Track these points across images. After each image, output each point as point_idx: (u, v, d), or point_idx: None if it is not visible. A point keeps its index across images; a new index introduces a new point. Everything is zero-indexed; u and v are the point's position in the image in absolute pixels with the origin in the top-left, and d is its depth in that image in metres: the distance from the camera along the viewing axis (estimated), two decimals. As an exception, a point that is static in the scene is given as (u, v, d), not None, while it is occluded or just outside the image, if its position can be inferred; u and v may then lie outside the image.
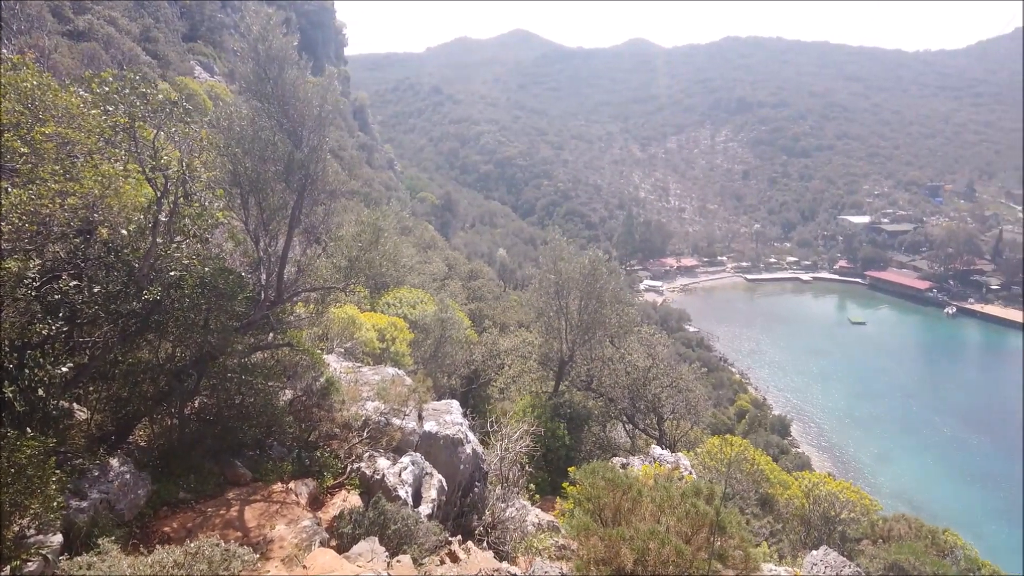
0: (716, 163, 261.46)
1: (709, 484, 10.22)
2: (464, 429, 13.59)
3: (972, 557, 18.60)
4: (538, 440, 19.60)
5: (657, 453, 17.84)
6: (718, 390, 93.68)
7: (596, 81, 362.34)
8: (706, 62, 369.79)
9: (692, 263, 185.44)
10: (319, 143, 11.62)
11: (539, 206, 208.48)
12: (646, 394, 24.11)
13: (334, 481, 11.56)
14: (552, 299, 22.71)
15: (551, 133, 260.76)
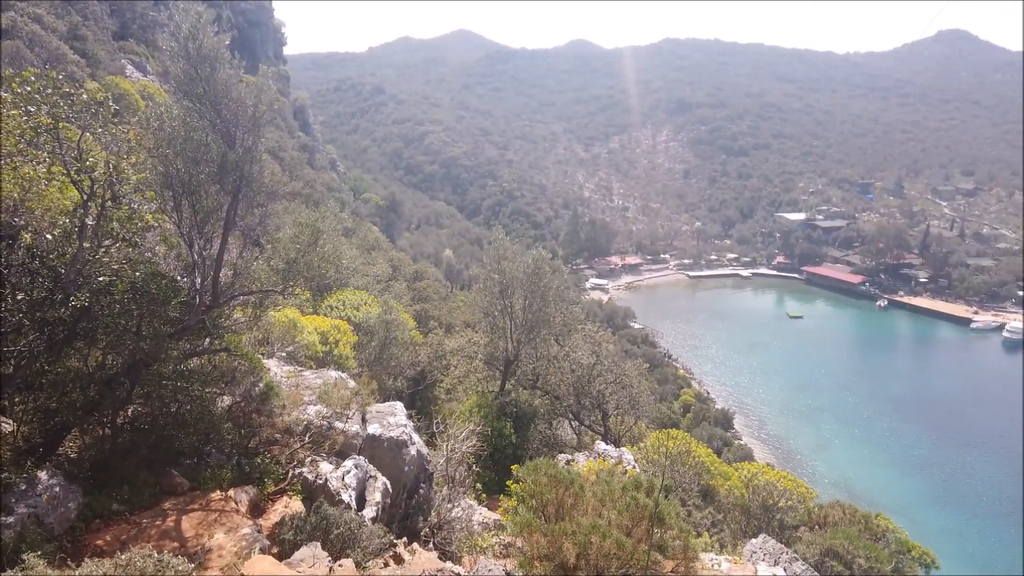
0: (658, 162, 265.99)
1: (649, 477, 10.42)
2: (408, 431, 13.53)
3: (902, 540, 19.39)
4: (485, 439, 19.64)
5: (601, 449, 18.08)
6: (663, 385, 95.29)
7: (539, 81, 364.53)
8: (646, 63, 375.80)
9: (636, 261, 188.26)
10: (254, 143, 11.41)
11: (485, 206, 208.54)
12: (591, 391, 24.41)
13: (275, 487, 11.37)
14: (497, 299, 22.78)
15: (496, 133, 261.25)
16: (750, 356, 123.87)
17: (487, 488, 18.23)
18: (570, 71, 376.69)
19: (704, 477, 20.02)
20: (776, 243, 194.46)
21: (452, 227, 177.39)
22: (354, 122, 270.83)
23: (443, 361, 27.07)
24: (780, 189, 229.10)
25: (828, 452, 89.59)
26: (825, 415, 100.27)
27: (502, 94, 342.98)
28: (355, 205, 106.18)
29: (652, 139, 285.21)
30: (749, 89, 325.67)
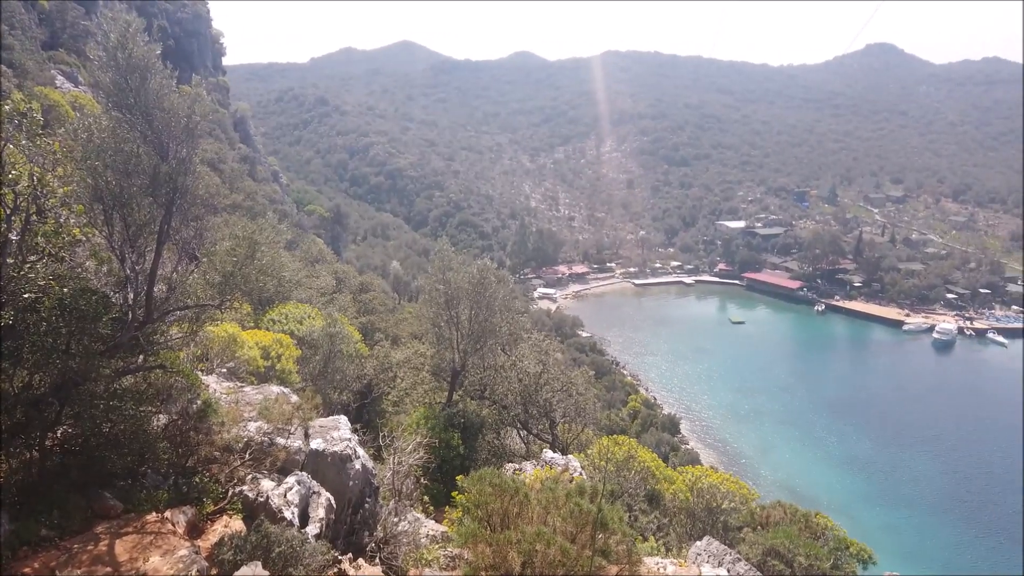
0: (602, 173, 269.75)
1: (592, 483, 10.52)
2: (353, 445, 13.36)
3: (840, 537, 19.94)
4: (433, 451, 19.52)
5: (548, 457, 18.16)
6: (611, 392, 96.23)
7: (484, 93, 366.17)
8: (588, 75, 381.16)
9: (583, 270, 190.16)
10: (189, 155, 11.15)
11: (432, 217, 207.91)
12: (538, 399, 24.50)
13: (215, 507, 11.07)
14: (443, 309, 22.71)
15: (441, 144, 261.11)
16: (695, 362, 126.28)
17: (435, 500, 18.11)
18: (514, 82, 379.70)
19: (650, 482, 20.29)
20: (718, 250, 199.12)
21: (399, 238, 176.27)
22: (297, 133, 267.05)
23: (390, 373, 26.83)
24: (720, 198, 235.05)
25: (771, 454, 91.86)
26: (767, 418, 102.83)
27: (447, 105, 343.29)
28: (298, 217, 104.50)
29: (596, 150, 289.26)
30: (689, 100, 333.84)
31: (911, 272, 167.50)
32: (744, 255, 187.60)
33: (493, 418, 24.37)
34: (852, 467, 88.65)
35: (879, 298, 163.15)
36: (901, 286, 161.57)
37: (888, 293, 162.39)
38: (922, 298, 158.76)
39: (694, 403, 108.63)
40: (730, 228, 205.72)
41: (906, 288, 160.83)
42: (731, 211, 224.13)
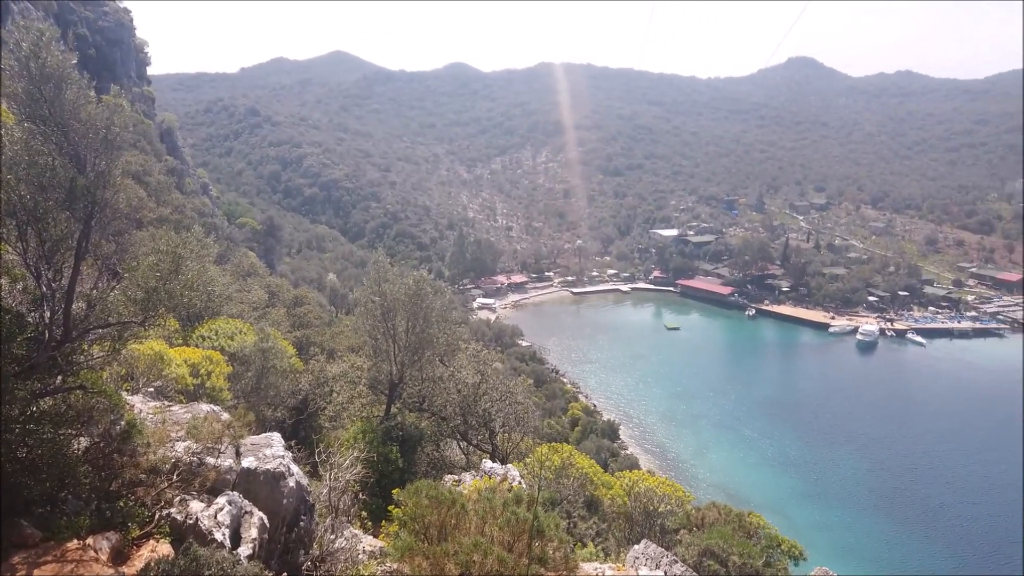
0: (539, 183, 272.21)
1: (530, 491, 10.59)
2: (287, 462, 13.08)
3: (772, 535, 20.53)
4: (371, 466, 19.29)
5: (488, 467, 18.17)
6: (552, 401, 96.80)
7: (419, 104, 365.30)
8: (523, 86, 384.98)
9: (522, 279, 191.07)
10: (108, 167, 10.78)
11: (369, 228, 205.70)
12: (477, 410, 24.50)
13: (141, 531, 10.66)
14: (379, 321, 22.49)
15: (377, 155, 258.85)
16: (633, 368, 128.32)
17: (374, 515, 17.87)
18: (450, 93, 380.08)
19: (588, 488, 20.51)
20: (652, 258, 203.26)
21: (335, 250, 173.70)
22: (227, 144, 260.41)
23: (326, 388, 26.38)
24: (654, 207, 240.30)
25: (707, 456, 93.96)
26: (703, 421, 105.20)
27: (382, 116, 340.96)
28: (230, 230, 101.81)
29: (532, 160, 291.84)
30: (621, 112, 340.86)
31: (835, 276, 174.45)
32: (678, 262, 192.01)
33: (432, 430, 24.24)
34: (785, 467, 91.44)
35: (806, 302, 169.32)
36: (826, 290, 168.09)
37: (814, 297, 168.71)
38: (846, 301, 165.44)
39: (633, 408, 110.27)
40: (664, 236, 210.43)
41: (831, 292, 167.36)
42: (664, 220, 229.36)
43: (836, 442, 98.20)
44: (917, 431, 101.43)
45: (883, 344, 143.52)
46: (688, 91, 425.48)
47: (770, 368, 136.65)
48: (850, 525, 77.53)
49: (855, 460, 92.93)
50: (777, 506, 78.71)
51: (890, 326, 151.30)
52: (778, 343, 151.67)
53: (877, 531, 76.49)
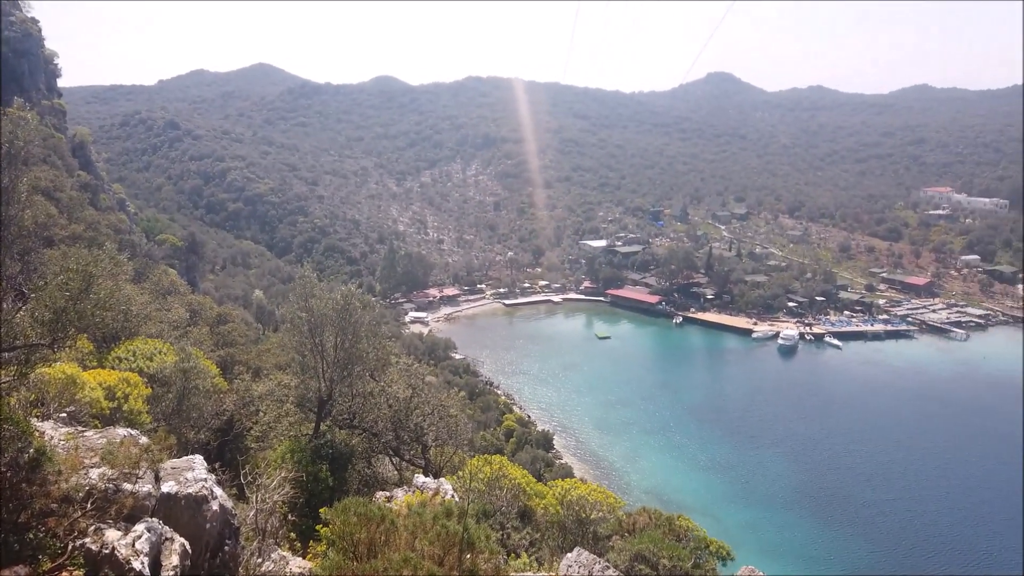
0: (469, 195, 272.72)
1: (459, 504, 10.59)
2: (209, 485, 12.68)
3: (701, 537, 21.02)
4: (300, 485, 18.86)
5: (420, 482, 18.03)
6: (486, 413, 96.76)
7: (346, 117, 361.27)
8: (451, 100, 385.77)
9: (454, 292, 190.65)
10: (12, 183, 10.33)
11: (296, 243, 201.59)
12: (409, 424, 24.27)
13: (53, 564, 10.13)
14: (306, 338, 22.05)
15: (304, 169, 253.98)
16: (566, 377, 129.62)
17: (304, 536, 17.46)
18: (377, 107, 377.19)
19: (521, 498, 20.57)
20: (582, 269, 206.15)
21: (262, 266, 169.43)
22: (146, 159, 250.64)
23: (252, 407, 25.67)
24: (582, 218, 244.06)
25: (639, 462, 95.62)
26: (634, 427, 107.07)
27: (308, 129, 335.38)
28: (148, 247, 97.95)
29: (462, 173, 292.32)
30: (549, 125, 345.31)
31: (756, 284, 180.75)
32: (607, 272, 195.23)
33: (363, 447, 23.86)
34: (713, 469, 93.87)
35: (730, 309, 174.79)
36: (748, 297, 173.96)
37: (737, 304, 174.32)
38: (767, 307, 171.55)
39: (566, 418, 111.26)
40: (593, 247, 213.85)
41: (753, 298, 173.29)
42: (593, 231, 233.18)
43: (762, 444, 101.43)
44: (837, 430, 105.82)
45: (803, 348, 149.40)
46: (613, 105, 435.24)
47: (698, 374, 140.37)
48: (776, 524, 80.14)
49: (780, 461, 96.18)
50: (707, 508, 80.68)
51: (809, 330, 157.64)
52: (704, 349, 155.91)
53: (802, 528, 79.29)
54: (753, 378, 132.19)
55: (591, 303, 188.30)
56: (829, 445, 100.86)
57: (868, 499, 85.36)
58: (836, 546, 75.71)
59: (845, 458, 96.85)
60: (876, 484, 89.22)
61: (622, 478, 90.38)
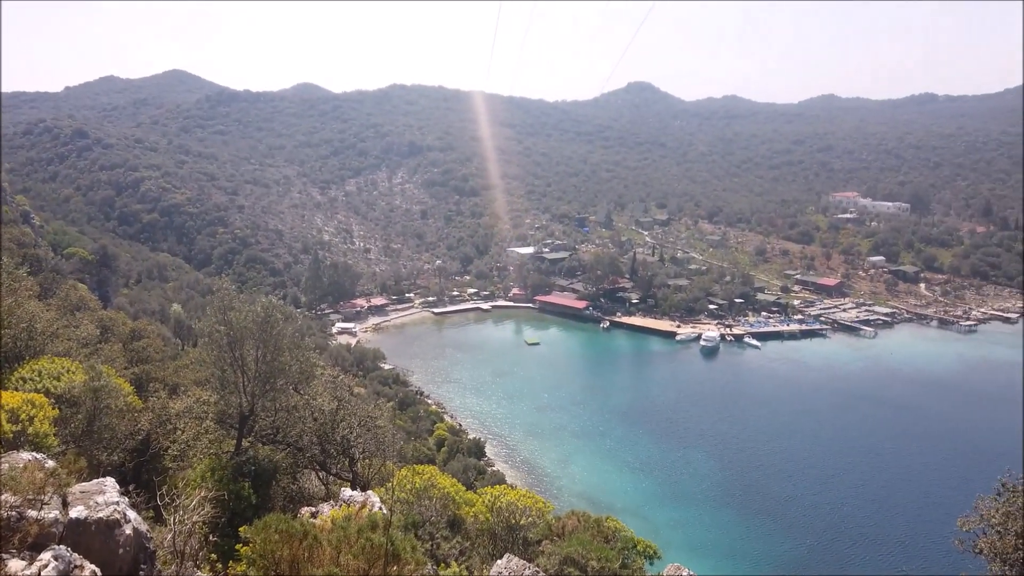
0: (395, 204, 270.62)
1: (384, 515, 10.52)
2: (122, 508, 12.18)
3: (628, 537, 21.40)
4: (221, 505, 18.28)
5: (347, 495, 17.77)
6: (417, 423, 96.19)
7: (267, 125, 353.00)
8: (375, 107, 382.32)
9: (382, 302, 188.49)
10: None
11: (216, 255, 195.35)
12: (335, 437, 23.83)
13: (-52, 600, 9.57)
14: (225, 352, 21.40)
15: (223, 178, 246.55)
16: (497, 385, 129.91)
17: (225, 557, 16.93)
18: (299, 114, 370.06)
19: (451, 507, 20.51)
20: (510, 276, 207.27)
21: (180, 279, 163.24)
22: (52, 169, 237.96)
23: (169, 426, 24.69)
24: (510, 226, 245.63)
25: (570, 466, 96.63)
26: (565, 432, 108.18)
27: (227, 137, 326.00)
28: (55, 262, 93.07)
29: (388, 181, 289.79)
30: (474, 133, 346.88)
31: (679, 287, 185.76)
32: (535, 279, 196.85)
33: (288, 462, 23.31)
34: (642, 470, 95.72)
35: (654, 312, 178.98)
36: (671, 300, 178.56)
37: (661, 307, 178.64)
38: (689, 310, 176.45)
39: (498, 425, 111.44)
40: (520, 254, 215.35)
41: (676, 302, 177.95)
42: (520, 238, 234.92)
43: (688, 443, 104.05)
44: (759, 428, 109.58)
45: (724, 348, 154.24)
46: (537, 113, 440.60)
47: (625, 377, 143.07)
48: (702, 521, 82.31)
49: (706, 459, 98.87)
50: (636, 509, 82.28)
51: (729, 331, 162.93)
52: (631, 353, 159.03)
53: (727, 524, 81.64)
54: (678, 379, 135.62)
55: (520, 310, 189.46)
56: (751, 442, 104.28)
57: (789, 494, 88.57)
58: (759, 541, 78.17)
59: (767, 455, 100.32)
60: (795, 479, 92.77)
61: (554, 483, 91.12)
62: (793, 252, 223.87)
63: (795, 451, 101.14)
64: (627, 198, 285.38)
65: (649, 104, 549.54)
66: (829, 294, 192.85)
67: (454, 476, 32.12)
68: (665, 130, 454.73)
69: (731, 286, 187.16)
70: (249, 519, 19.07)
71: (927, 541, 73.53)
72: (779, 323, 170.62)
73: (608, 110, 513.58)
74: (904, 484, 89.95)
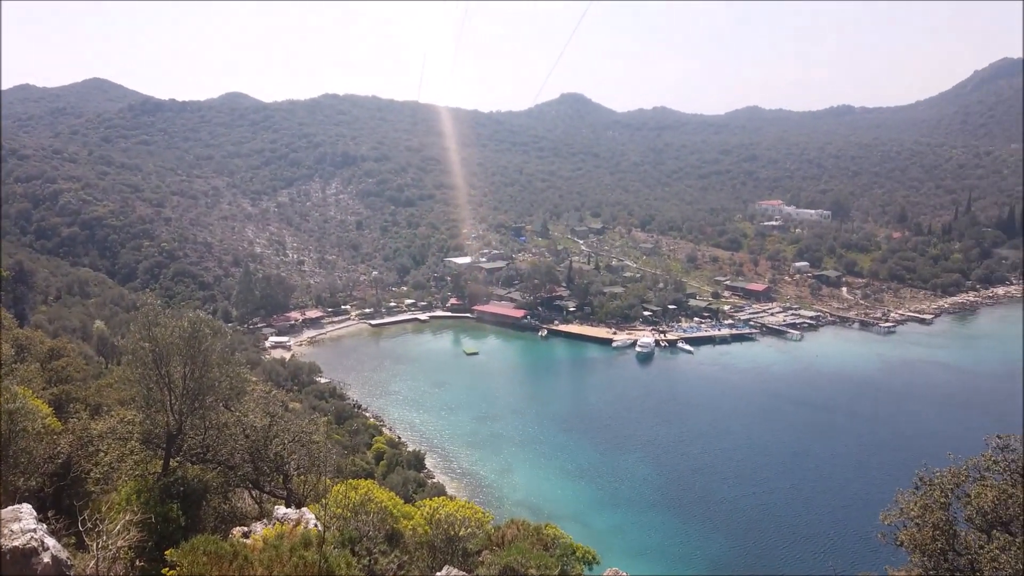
0: (330, 215, 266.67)
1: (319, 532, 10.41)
2: (40, 535, 11.68)
3: (567, 544, 21.61)
4: (148, 528, 17.65)
5: (281, 513, 17.42)
6: (355, 437, 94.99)
7: (194, 135, 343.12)
8: (308, 117, 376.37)
9: (317, 314, 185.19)
10: None
11: (142, 269, 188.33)
12: (268, 454, 23.31)
13: None
14: (150, 369, 20.69)
15: (148, 190, 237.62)
16: (436, 396, 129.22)
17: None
18: (228, 124, 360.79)
19: (389, 521, 20.32)
20: (448, 286, 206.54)
21: (103, 295, 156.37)
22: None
23: (91, 448, 23.67)
24: (447, 235, 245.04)
25: (510, 475, 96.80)
26: (505, 441, 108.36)
27: (152, 148, 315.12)
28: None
29: (322, 192, 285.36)
30: (409, 144, 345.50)
31: (614, 295, 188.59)
32: (472, 289, 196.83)
33: (219, 481, 22.66)
34: (581, 477, 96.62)
35: (591, 320, 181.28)
36: (607, 308, 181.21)
37: (597, 315, 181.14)
38: (625, 317, 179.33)
39: (438, 436, 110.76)
40: (458, 264, 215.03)
41: (611, 309, 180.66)
42: (457, 248, 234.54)
43: (626, 448, 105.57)
44: (694, 431, 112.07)
45: (659, 354, 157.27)
46: (472, 123, 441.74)
47: (564, 384, 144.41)
48: (641, 525, 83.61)
49: (643, 463, 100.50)
50: (576, 515, 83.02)
51: (663, 337, 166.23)
52: (569, 360, 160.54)
53: (665, 528, 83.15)
54: (615, 386, 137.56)
55: (458, 320, 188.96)
56: (687, 445, 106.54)
57: (724, 495, 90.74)
58: (695, 542, 79.84)
59: (702, 457, 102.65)
60: (730, 480, 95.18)
61: (494, 492, 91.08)
62: (722, 259, 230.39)
63: (729, 453, 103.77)
64: (562, 207, 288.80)
65: (582, 115, 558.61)
66: (757, 299, 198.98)
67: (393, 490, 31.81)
68: (598, 140, 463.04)
69: (664, 293, 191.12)
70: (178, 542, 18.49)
71: (855, 537, 76.05)
72: (711, 328, 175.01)
73: (542, 120, 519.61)
74: (832, 482, 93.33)
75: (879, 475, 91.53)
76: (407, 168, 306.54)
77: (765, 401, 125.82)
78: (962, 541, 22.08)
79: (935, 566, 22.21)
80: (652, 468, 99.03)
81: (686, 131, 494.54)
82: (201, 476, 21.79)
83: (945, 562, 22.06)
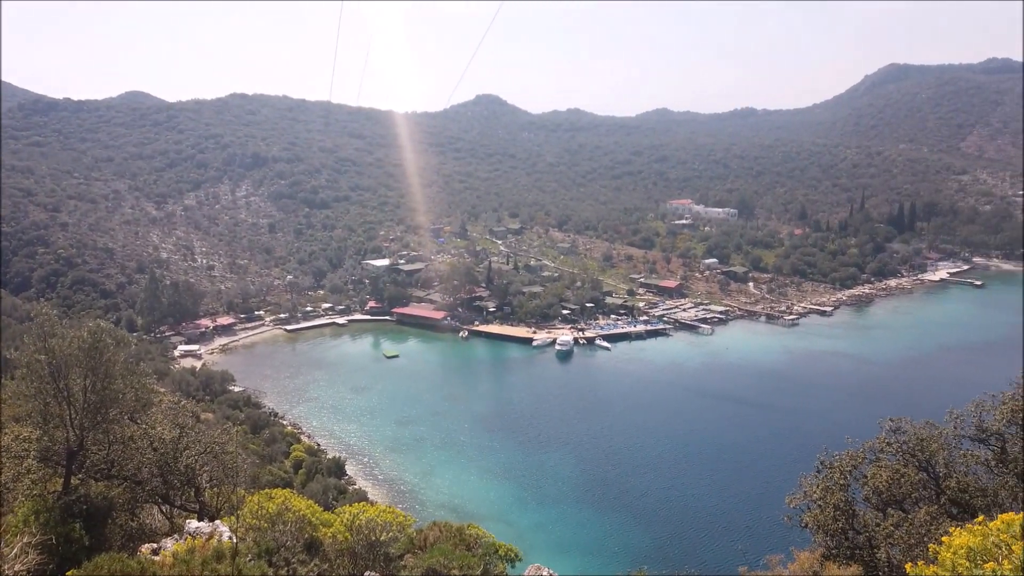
0: (240, 218, 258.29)
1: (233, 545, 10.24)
2: (-74, 563, 10.98)
3: (490, 543, 21.80)
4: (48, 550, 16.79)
5: (192, 527, 16.87)
6: (272, 446, 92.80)
7: (91, 136, 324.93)
8: (215, 117, 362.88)
9: (229, 321, 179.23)
10: None
11: (36, 278, 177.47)
12: (178, 467, 22.50)
13: None
14: (47, 383, 19.61)
15: (42, 193, 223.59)
16: (356, 400, 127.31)
17: (56, 607, 15.61)
18: (128, 124, 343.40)
19: (307, 530, 19.98)
20: (367, 289, 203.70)
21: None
22: None
23: (-18, 470, 22.24)
24: (364, 238, 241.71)
25: (433, 477, 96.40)
26: (427, 444, 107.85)
27: (45, 149, 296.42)
28: None
29: (231, 194, 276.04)
30: (323, 144, 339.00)
31: (534, 294, 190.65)
32: (392, 291, 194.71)
33: (125, 497, 21.72)
34: (504, 476, 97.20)
35: (511, 319, 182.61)
36: (527, 307, 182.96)
37: (517, 314, 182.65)
38: (544, 316, 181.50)
39: (358, 442, 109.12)
40: (376, 266, 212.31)
41: (531, 308, 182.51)
42: (375, 250, 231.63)
43: (548, 446, 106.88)
44: (614, 426, 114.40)
45: (578, 352, 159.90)
46: (387, 124, 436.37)
47: (485, 384, 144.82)
48: (564, 521, 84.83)
49: (565, 460, 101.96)
50: (500, 514, 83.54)
51: (582, 335, 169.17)
52: (490, 360, 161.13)
53: (587, 523, 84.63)
54: (536, 384, 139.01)
55: (377, 323, 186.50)
56: (607, 441, 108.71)
57: (643, 488, 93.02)
58: (617, 535, 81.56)
59: (622, 452, 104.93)
60: (649, 474, 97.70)
61: (417, 495, 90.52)
62: (636, 257, 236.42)
63: (647, 447, 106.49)
64: (480, 208, 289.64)
65: (497, 116, 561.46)
66: (670, 295, 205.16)
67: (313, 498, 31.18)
68: (514, 141, 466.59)
69: (582, 291, 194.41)
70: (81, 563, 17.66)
71: (768, 522, 78.68)
72: (627, 325, 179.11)
73: (458, 121, 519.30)
74: (746, 471, 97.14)
75: (788, 462, 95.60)
76: (321, 169, 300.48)
77: (680, 394, 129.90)
78: (860, 520, 23.65)
79: (836, 544, 23.69)
80: (574, 465, 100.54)
81: (599, 132, 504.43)
82: (106, 493, 20.83)
83: (846, 540, 23.58)
